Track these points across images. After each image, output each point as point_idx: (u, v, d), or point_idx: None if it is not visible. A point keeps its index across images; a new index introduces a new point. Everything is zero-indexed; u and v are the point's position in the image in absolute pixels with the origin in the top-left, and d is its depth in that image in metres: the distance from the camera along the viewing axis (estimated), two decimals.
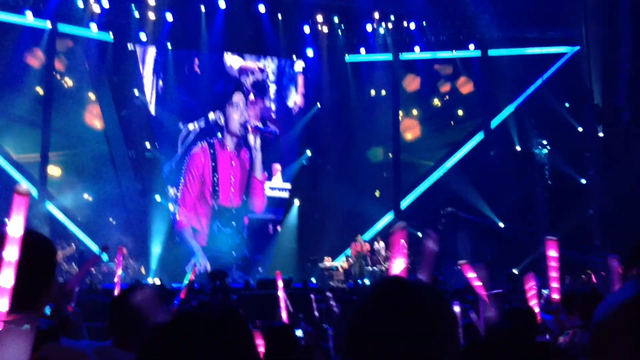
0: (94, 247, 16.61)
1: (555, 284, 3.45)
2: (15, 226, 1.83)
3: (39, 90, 17.33)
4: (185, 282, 6.12)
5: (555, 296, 3.42)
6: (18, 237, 1.83)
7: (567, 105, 18.40)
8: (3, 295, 1.80)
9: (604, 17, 17.01)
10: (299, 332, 5.19)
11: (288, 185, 19.63)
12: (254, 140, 19.00)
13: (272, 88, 19.87)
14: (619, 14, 16.58)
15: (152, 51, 18.86)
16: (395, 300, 1.24)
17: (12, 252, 1.81)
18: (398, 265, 1.85)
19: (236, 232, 18.52)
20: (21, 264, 1.89)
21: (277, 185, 19.59)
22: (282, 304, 5.71)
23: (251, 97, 19.22)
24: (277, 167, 19.57)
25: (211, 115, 18.85)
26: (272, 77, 19.88)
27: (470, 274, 3.53)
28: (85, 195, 17.45)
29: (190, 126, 18.74)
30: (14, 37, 16.95)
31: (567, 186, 17.64)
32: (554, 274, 3.52)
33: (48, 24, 17.29)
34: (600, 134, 17.64)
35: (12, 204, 1.93)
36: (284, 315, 5.65)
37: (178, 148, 18.61)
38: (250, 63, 19.48)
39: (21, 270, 1.89)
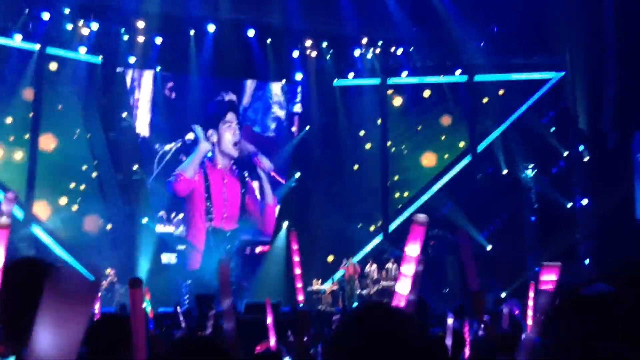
0: (82, 270, 16.40)
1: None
2: None
3: (27, 112, 17.25)
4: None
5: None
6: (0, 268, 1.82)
7: (552, 129, 18.62)
8: None
9: (589, 43, 17.30)
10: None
11: (276, 208, 19.62)
12: (259, 170, 19.14)
13: (261, 111, 19.98)
14: (604, 39, 16.88)
15: (140, 74, 18.92)
16: (374, 327, 1.24)
17: None
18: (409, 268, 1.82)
19: (230, 255, 18.40)
20: (15, 292, 1.86)
21: None
22: (272, 331, 5.66)
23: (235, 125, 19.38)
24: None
25: (189, 136, 18.89)
26: (261, 100, 20.00)
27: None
28: (72, 218, 17.30)
29: (167, 147, 18.76)
30: (1, 59, 16.93)
31: (554, 210, 17.76)
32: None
33: (37, 47, 17.31)
34: (586, 158, 17.83)
35: None
36: (272, 342, 5.59)
37: (154, 169, 18.59)
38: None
39: (14, 298, 1.86)
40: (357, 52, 19.60)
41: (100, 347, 2.59)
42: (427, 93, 19.96)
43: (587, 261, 17.12)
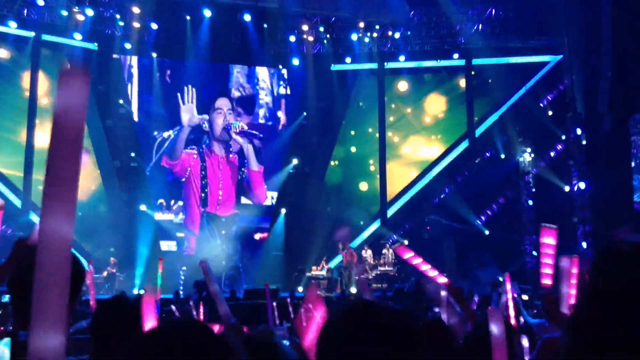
0: (80, 258, 16.45)
1: (547, 270, 3.37)
2: None
3: (24, 101, 17.19)
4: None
5: (547, 281, 3.36)
6: None
7: (550, 113, 18.60)
8: None
9: (586, 26, 17.22)
10: (285, 342, 5.17)
11: (274, 194, 19.63)
12: (242, 140, 19.07)
13: (258, 96, 19.92)
14: (600, 22, 16.80)
15: (136, 60, 18.84)
16: (363, 325, 1.25)
17: None
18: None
19: (227, 241, 18.44)
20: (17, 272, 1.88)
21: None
22: (271, 314, 5.72)
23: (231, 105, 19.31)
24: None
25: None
26: (258, 86, 19.94)
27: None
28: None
29: (166, 134, 18.73)
30: None
31: (551, 193, 17.78)
32: (547, 260, 3.40)
33: (32, 34, 17.20)
34: (584, 142, 17.83)
35: None
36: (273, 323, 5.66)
37: (153, 156, 18.59)
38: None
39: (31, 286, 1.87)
40: (354, 37, 19.51)
41: (106, 333, 2.59)
42: (424, 77, 19.92)
43: (584, 244, 17.18)
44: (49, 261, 0.76)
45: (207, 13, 18.47)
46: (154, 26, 18.42)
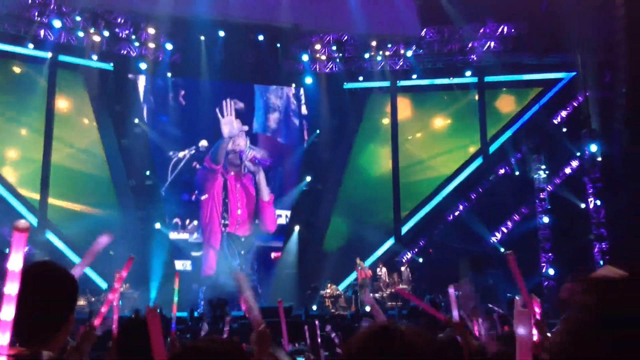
0: (94, 276, 16.55)
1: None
2: (15, 261, 1.85)
3: (40, 120, 17.41)
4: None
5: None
6: (18, 272, 1.84)
7: (564, 129, 18.50)
8: (4, 330, 1.80)
9: (600, 42, 17.18)
10: None
11: (287, 212, 19.65)
12: (254, 167, 19.23)
13: (272, 116, 20.04)
14: (614, 38, 16.76)
15: (152, 80, 19.05)
16: (383, 349, 1.25)
17: (12, 287, 1.82)
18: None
19: (245, 261, 18.49)
20: (36, 297, 1.88)
21: (276, 213, 19.72)
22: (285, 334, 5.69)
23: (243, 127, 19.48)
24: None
25: (202, 143, 19.01)
26: (272, 105, 20.07)
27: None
28: (86, 224, 17.44)
29: (181, 154, 18.88)
30: (15, 68, 17.12)
31: (567, 210, 17.62)
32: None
33: (49, 55, 17.49)
34: (599, 158, 17.69)
35: (12, 239, 1.94)
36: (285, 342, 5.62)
37: (168, 176, 18.73)
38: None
39: (35, 303, 1.87)
40: (366, 55, 19.61)
41: (129, 351, 2.63)
42: (437, 94, 19.94)
43: (601, 262, 16.97)
44: None
45: (221, 33, 18.67)
46: (169, 46, 18.64)
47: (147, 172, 18.54)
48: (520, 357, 1.60)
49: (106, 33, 17.98)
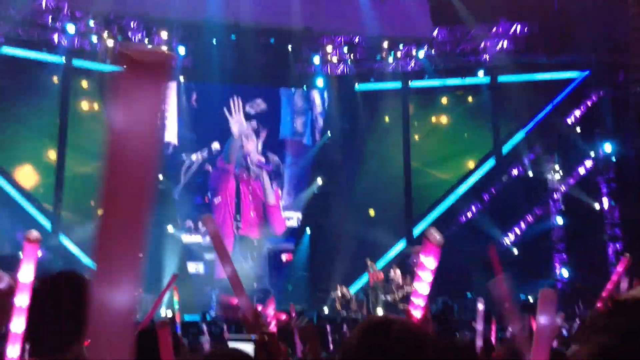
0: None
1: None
2: (26, 273, 1.86)
3: (54, 125, 17.55)
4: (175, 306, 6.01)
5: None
6: (29, 284, 1.85)
7: (578, 129, 18.36)
8: (14, 342, 1.81)
9: (613, 41, 17.04)
10: None
11: (299, 214, 19.67)
12: (258, 171, 19.30)
13: (282, 118, 20.09)
14: (628, 37, 16.61)
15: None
16: (378, 343, 1.24)
17: (22, 299, 1.83)
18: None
19: (257, 264, 18.54)
20: (49, 307, 1.87)
21: (287, 215, 19.73)
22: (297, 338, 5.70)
23: (253, 127, 19.55)
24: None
25: (215, 145, 19.09)
26: (283, 107, 20.13)
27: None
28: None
29: (194, 157, 18.97)
30: (29, 73, 17.27)
31: (581, 211, 17.49)
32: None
33: (63, 59, 17.63)
34: (613, 158, 17.55)
35: (23, 250, 1.95)
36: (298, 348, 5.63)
37: (181, 179, 18.82)
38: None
39: (48, 314, 1.87)
40: (377, 57, 19.57)
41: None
42: (450, 95, 19.86)
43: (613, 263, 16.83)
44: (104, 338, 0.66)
45: (233, 36, 18.73)
46: (181, 50, 18.73)
47: (160, 176, 18.62)
48: (536, 350, 1.56)
49: (119, 37, 18.09)
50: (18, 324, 1.86)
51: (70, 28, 17.50)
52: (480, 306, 3.61)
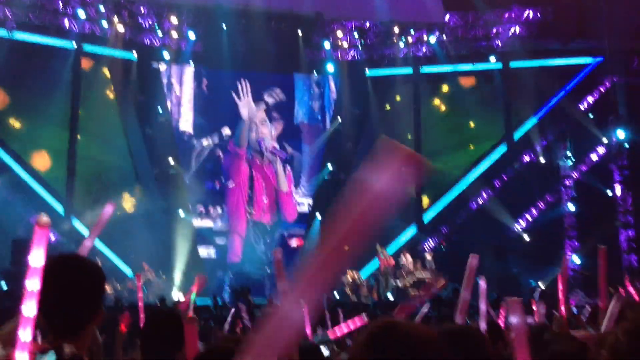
0: (119, 264, 16.80)
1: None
2: (37, 257, 1.87)
3: (66, 110, 17.63)
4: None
5: None
6: (39, 268, 1.86)
7: (591, 116, 18.19)
8: (26, 325, 1.83)
9: (627, 28, 16.83)
10: (325, 351, 5.17)
11: (310, 200, 19.69)
12: (272, 157, 19.30)
13: (293, 104, 20.04)
14: None
15: (175, 69, 19.17)
16: (388, 347, 1.25)
17: (33, 284, 1.85)
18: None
19: (270, 248, 18.61)
20: (60, 291, 1.89)
21: (299, 201, 19.78)
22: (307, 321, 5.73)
23: (267, 114, 19.53)
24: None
25: (225, 131, 19.09)
26: (294, 92, 20.08)
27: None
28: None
29: (204, 142, 19.00)
30: (40, 58, 17.33)
31: (593, 198, 17.38)
32: None
33: (73, 44, 17.67)
34: (626, 145, 17.41)
35: (34, 234, 1.96)
36: (308, 331, 5.65)
37: (192, 164, 18.87)
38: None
39: (59, 297, 1.88)
40: (389, 42, 19.43)
41: (157, 344, 2.66)
42: (461, 81, 19.71)
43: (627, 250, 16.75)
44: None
45: (243, 21, 18.67)
46: (192, 35, 18.71)
47: (171, 161, 18.70)
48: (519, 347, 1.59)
49: (129, 23, 18.09)
50: (30, 308, 1.87)
51: (81, 13, 17.52)
52: (482, 284, 3.57)
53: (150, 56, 18.81)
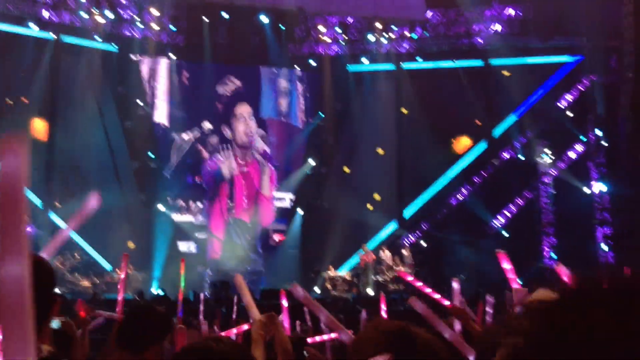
0: (98, 257, 16.64)
1: None
2: None
3: (44, 102, 17.38)
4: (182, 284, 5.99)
5: None
6: None
7: (569, 114, 18.40)
8: None
9: (607, 27, 17.03)
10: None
11: (291, 195, 19.66)
12: (262, 161, 19.18)
13: (276, 98, 19.97)
14: (622, 23, 16.62)
15: (155, 62, 18.99)
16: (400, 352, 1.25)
17: None
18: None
19: (250, 246, 18.56)
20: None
21: (279, 196, 19.71)
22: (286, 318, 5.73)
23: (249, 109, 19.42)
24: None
25: (206, 125, 18.96)
26: (275, 87, 20.00)
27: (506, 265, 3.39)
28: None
29: (185, 136, 18.85)
30: (18, 49, 17.06)
31: (571, 195, 17.61)
32: None
33: (52, 35, 17.43)
34: (604, 143, 17.64)
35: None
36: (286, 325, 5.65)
37: (171, 158, 18.72)
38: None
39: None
40: (371, 37, 19.47)
41: (134, 339, 2.63)
42: (442, 77, 19.79)
43: (604, 247, 17.00)
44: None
45: (225, 15, 18.56)
46: (173, 28, 18.56)
47: (151, 154, 18.54)
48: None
49: (110, 14, 17.88)
50: None
51: (60, 4, 17.27)
52: (455, 285, 3.61)
53: (131, 48, 18.62)
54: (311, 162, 19.88)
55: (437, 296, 3.53)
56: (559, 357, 0.79)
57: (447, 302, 3.50)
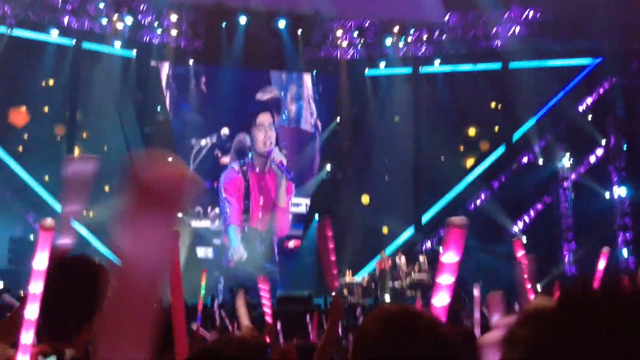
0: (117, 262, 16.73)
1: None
2: (41, 261, 1.85)
3: (64, 108, 17.58)
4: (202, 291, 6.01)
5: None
6: (42, 271, 1.85)
7: (589, 117, 18.19)
8: (29, 328, 1.81)
9: (627, 29, 16.83)
10: None
11: (307, 201, 19.63)
12: (279, 172, 19.12)
13: (291, 103, 19.97)
14: None
15: (174, 68, 19.11)
16: (403, 334, 1.24)
17: (36, 287, 1.83)
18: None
19: (265, 256, 18.57)
20: (60, 292, 1.86)
21: (295, 201, 19.69)
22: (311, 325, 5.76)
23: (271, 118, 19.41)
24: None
25: (224, 130, 19.00)
26: (291, 92, 20.00)
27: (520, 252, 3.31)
28: (108, 212, 17.60)
29: (203, 142, 18.92)
30: (39, 55, 17.27)
31: (591, 200, 17.40)
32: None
33: (72, 42, 17.62)
34: (624, 147, 17.41)
35: (38, 238, 1.94)
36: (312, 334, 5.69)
37: (190, 163, 18.80)
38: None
39: (59, 299, 1.86)
40: (388, 41, 19.42)
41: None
42: (460, 81, 19.68)
43: (625, 252, 16.77)
44: None
45: (243, 20, 18.64)
46: (191, 34, 18.67)
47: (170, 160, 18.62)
48: None
49: (129, 20, 18.04)
50: (32, 311, 1.86)
51: (80, 10, 17.47)
52: (476, 292, 3.59)
53: (149, 54, 18.76)
54: (328, 167, 19.82)
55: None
56: None
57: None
